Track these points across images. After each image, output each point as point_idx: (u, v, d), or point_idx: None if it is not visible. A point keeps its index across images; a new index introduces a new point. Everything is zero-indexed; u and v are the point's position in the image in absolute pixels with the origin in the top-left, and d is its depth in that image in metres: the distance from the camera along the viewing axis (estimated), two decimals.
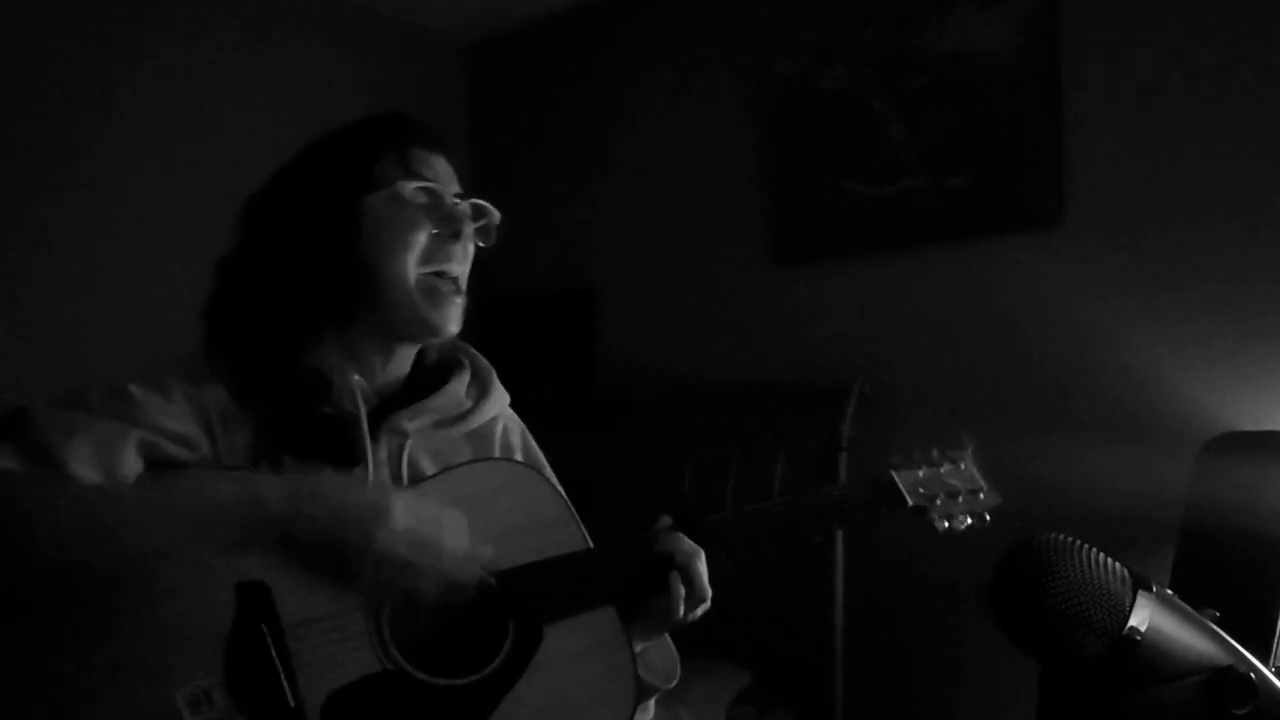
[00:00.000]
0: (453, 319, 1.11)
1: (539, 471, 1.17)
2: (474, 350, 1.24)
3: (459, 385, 1.18)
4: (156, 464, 0.97)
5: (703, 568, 1.08)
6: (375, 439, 1.07)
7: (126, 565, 0.88)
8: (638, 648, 1.10)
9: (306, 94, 2.75)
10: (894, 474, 1.28)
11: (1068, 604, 0.88)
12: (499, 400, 1.22)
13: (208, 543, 0.90)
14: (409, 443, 1.11)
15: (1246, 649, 0.91)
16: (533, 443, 1.27)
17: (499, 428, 1.22)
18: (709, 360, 2.68)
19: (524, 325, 3.08)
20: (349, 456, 1.04)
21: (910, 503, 1.26)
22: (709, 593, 1.09)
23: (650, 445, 2.49)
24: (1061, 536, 0.92)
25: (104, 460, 0.93)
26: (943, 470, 1.31)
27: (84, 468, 0.91)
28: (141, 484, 0.94)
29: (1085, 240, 2.12)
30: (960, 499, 1.29)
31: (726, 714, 2.19)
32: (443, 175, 1.13)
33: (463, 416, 1.17)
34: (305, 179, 1.11)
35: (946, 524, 1.27)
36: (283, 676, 0.89)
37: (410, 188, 1.07)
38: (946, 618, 2.22)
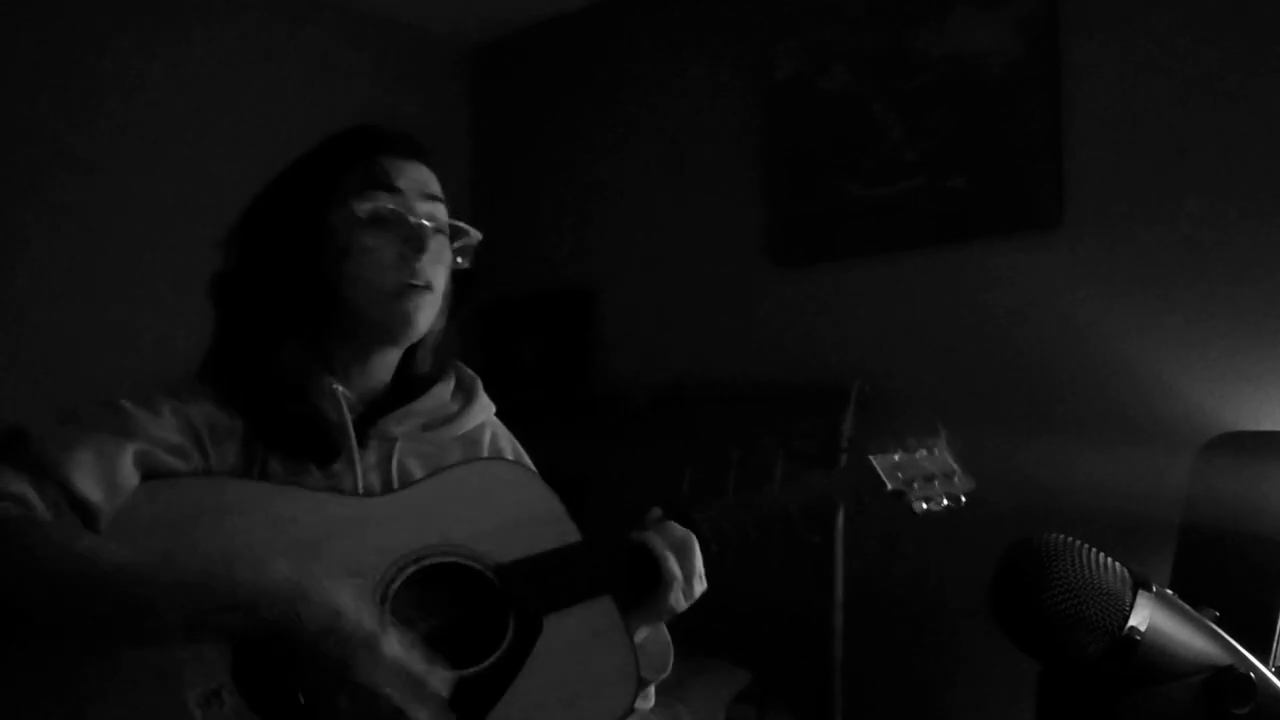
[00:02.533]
0: (416, 318, 1.10)
1: (532, 470, 1.19)
2: (460, 362, 1.26)
3: (444, 389, 1.19)
4: (153, 474, 0.97)
5: (694, 557, 1.11)
6: (363, 445, 1.09)
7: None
8: (637, 637, 1.11)
9: (309, 98, 2.75)
10: (872, 459, 1.33)
11: (1067, 603, 0.88)
12: (485, 408, 1.23)
13: (196, 630, 0.88)
14: (398, 446, 1.12)
15: (1246, 649, 0.91)
16: (524, 453, 1.28)
17: (488, 434, 1.24)
18: (709, 360, 2.68)
19: (524, 325, 3.08)
20: (331, 453, 1.06)
21: (889, 486, 1.32)
22: (704, 583, 1.12)
23: (650, 445, 2.48)
24: (1061, 536, 0.92)
25: (105, 472, 0.93)
26: (918, 456, 1.37)
27: (86, 480, 0.91)
28: (140, 507, 0.94)
29: (1084, 241, 2.12)
30: (936, 483, 1.35)
31: (726, 714, 2.19)
32: (415, 184, 1.11)
33: (450, 419, 1.18)
34: (277, 196, 1.12)
35: (925, 505, 1.33)
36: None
37: (365, 207, 1.07)
38: (946, 618, 2.22)
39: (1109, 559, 0.91)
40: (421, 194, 1.11)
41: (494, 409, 1.25)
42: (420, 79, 3.12)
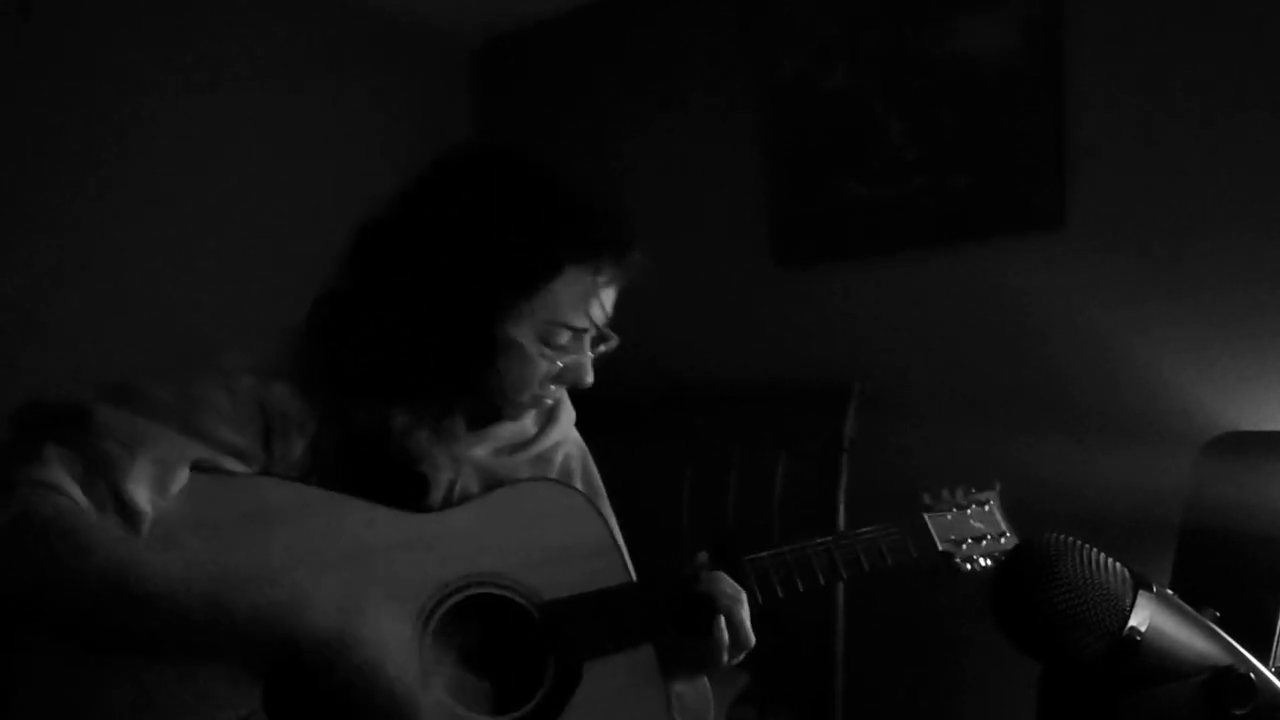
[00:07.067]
0: (530, 415, 1.12)
1: (584, 496, 1.15)
2: None
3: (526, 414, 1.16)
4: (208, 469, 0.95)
5: (745, 613, 1.07)
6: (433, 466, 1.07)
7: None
8: (677, 688, 1.09)
9: (311, 95, 2.75)
10: (926, 518, 1.32)
11: (1068, 604, 0.88)
12: (564, 424, 1.21)
13: (232, 657, 0.87)
14: (465, 469, 1.09)
15: (1246, 649, 0.91)
16: (594, 469, 1.25)
17: (560, 455, 1.21)
18: (710, 360, 2.68)
19: None
20: (392, 500, 1.03)
21: (940, 548, 1.31)
22: (753, 639, 1.08)
23: (650, 445, 2.48)
24: (1062, 536, 0.92)
25: (162, 481, 0.91)
26: (969, 512, 1.36)
27: (141, 490, 0.90)
28: (186, 502, 0.92)
29: (1087, 242, 2.12)
30: (984, 542, 1.34)
31: (727, 715, 2.18)
32: (605, 314, 1.12)
33: (525, 444, 1.16)
34: (475, 250, 1.03)
35: (969, 567, 1.33)
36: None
37: (551, 331, 1.06)
38: (947, 619, 2.22)
39: (1109, 559, 0.91)
40: (606, 324, 1.12)
41: (574, 417, 1.23)
42: (422, 76, 3.12)
